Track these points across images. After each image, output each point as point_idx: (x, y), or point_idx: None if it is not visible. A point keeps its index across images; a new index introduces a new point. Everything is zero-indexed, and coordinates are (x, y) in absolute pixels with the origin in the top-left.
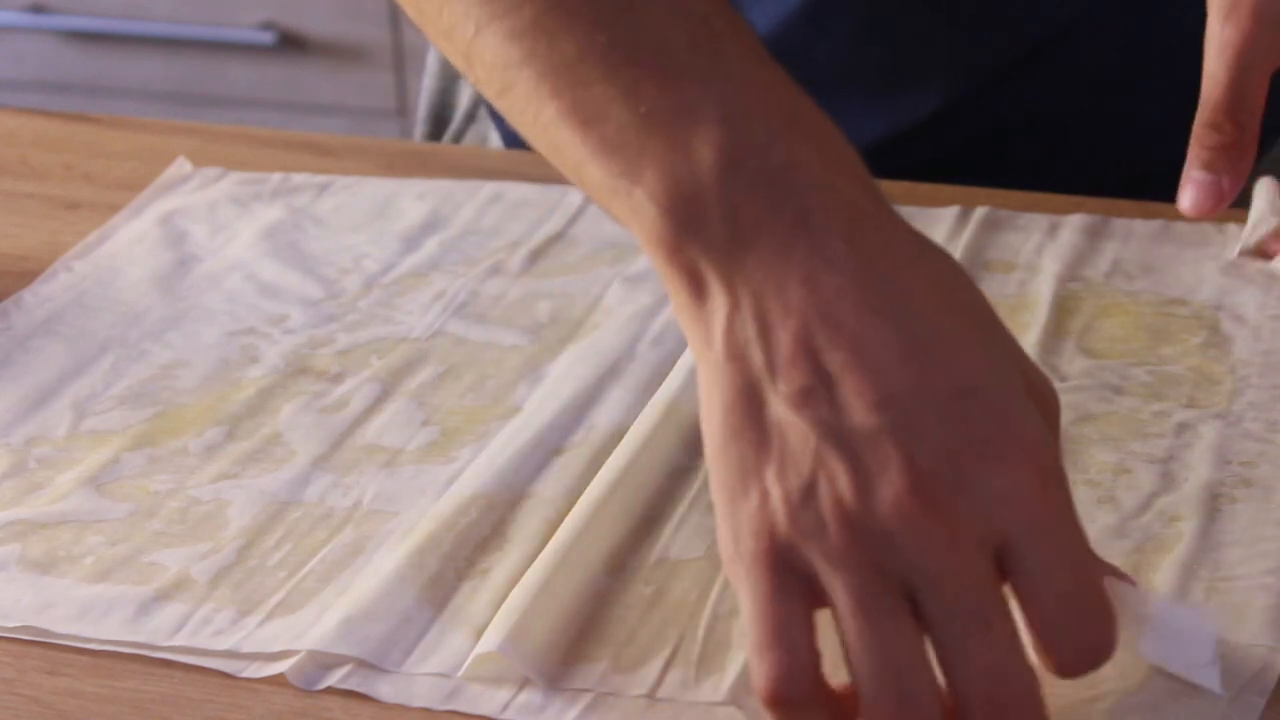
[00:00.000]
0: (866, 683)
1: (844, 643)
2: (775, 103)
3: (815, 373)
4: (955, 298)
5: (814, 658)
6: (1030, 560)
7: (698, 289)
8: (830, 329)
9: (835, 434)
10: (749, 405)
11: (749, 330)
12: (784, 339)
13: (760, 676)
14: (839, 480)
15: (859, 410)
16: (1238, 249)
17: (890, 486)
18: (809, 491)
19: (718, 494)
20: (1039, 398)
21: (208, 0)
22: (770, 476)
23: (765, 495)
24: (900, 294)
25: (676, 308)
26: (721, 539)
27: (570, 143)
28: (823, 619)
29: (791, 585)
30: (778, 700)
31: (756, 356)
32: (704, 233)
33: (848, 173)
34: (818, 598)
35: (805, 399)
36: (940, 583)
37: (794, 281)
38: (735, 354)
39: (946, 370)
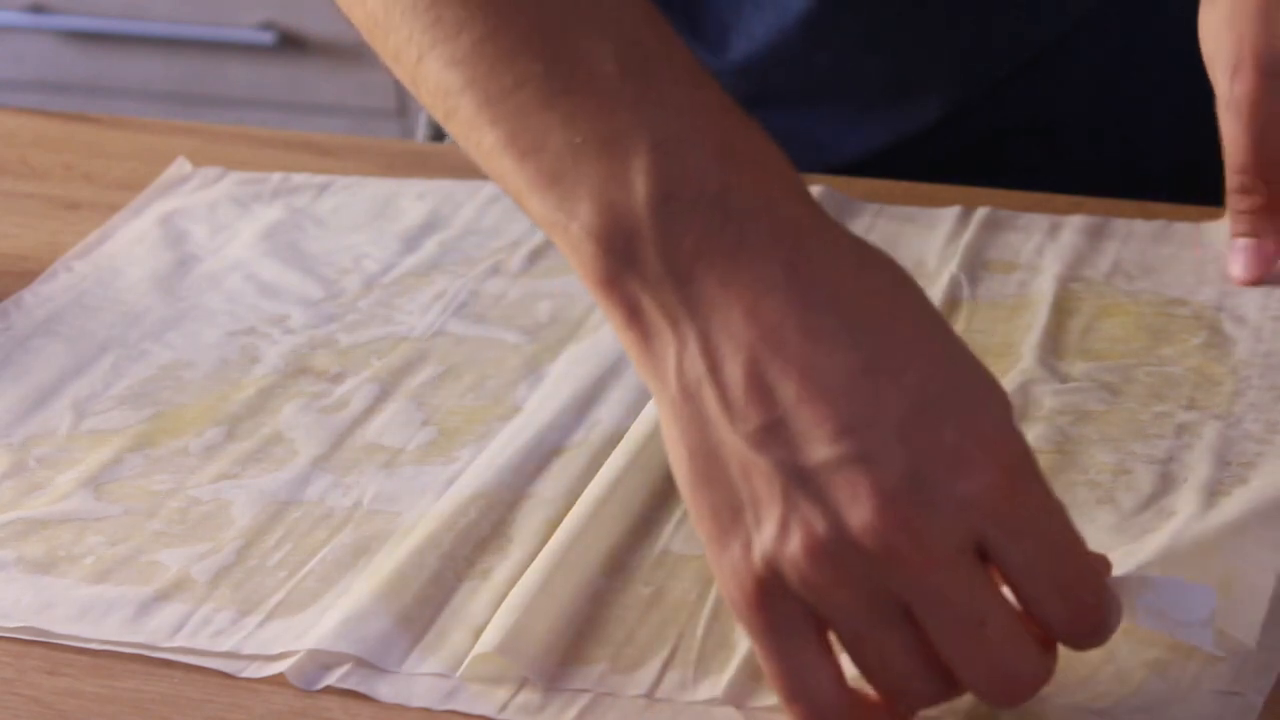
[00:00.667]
0: (877, 689)
1: (851, 657)
2: (708, 126)
3: (770, 409)
4: (901, 305)
5: (838, 689)
6: (1012, 555)
7: (641, 326)
8: (779, 360)
9: (798, 473)
10: (711, 449)
11: (699, 368)
12: (734, 375)
13: None
14: (810, 519)
15: (818, 444)
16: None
17: (860, 514)
18: (783, 534)
19: (704, 543)
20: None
21: (208, 0)
22: (746, 523)
23: (746, 544)
24: (845, 312)
25: (624, 344)
26: (719, 588)
27: (511, 172)
28: None
29: (793, 622)
30: None
31: (710, 396)
32: (642, 267)
33: (786, 191)
34: (825, 625)
35: (764, 439)
36: (926, 597)
37: (737, 313)
38: (689, 394)
39: (899, 384)
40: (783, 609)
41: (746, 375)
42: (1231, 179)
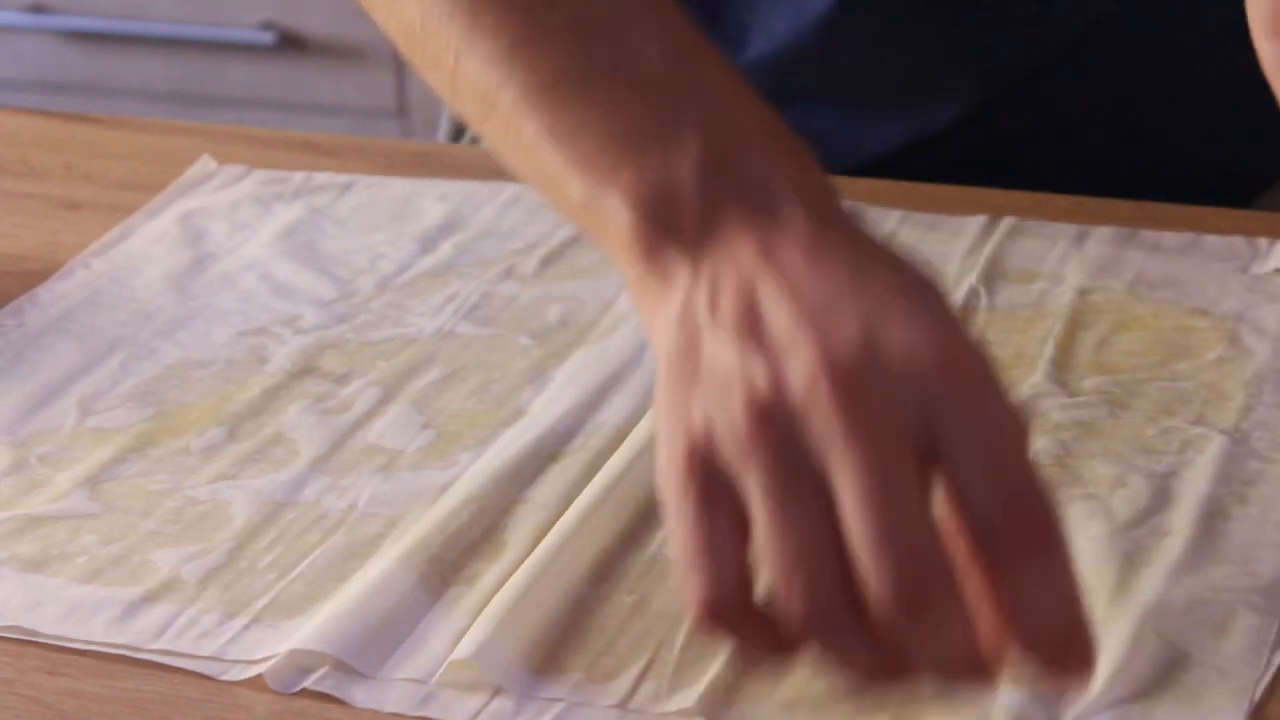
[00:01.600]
0: (772, 570)
1: (758, 537)
2: (752, 121)
3: (750, 310)
4: (916, 285)
5: (744, 576)
6: (954, 441)
7: (668, 282)
8: (772, 278)
9: (757, 340)
10: (689, 349)
11: (702, 295)
12: (729, 292)
13: (690, 595)
14: (755, 377)
15: (781, 319)
16: (1270, 266)
17: (802, 368)
18: (726, 394)
19: (658, 436)
20: None
21: (208, 0)
22: (697, 398)
23: (689, 409)
24: (850, 257)
25: (640, 305)
26: (659, 472)
27: (550, 161)
28: None
29: (717, 500)
30: (709, 617)
31: (702, 309)
32: (680, 233)
33: (820, 185)
34: (747, 522)
35: (736, 329)
36: (846, 458)
37: (749, 250)
38: (686, 316)
39: (874, 293)
40: (711, 479)
41: (738, 291)
42: None
